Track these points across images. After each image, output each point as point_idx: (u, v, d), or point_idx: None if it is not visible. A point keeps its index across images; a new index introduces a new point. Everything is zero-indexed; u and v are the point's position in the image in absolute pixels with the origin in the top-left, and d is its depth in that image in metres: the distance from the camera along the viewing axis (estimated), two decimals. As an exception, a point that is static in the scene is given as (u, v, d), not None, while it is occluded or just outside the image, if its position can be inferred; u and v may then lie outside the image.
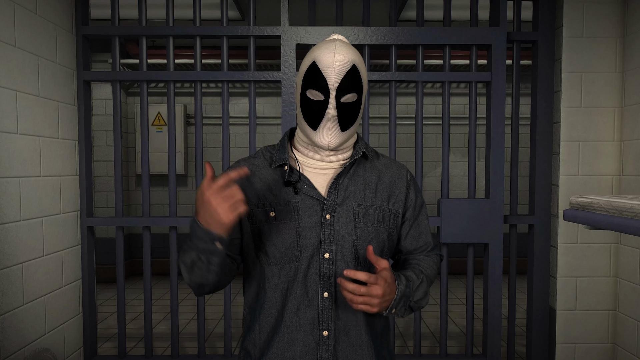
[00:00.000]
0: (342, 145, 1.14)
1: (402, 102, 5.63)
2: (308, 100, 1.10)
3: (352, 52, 1.09)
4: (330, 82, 1.07)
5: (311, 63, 1.09)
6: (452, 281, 5.22)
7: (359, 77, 1.09)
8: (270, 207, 1.13)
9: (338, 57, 1.06)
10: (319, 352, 1.11)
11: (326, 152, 1.14)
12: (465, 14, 3.56)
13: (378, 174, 1.19)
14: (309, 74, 1.09)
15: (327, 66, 1.06)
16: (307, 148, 1.16)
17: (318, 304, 1.11)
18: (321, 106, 1.08)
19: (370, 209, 1.15)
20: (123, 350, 2.58)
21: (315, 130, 1.10)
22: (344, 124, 1.10)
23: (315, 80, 1.08)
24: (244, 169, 0.96)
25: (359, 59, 1.11)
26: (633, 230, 1.20)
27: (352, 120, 1.11)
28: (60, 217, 2.33)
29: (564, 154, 2.44)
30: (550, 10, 2.48)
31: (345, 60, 1.07)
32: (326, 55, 1.07)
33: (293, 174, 1.14)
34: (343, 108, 1.08)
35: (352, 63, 1.08)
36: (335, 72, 1.06)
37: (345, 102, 1.08)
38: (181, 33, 2.41)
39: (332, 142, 1.10)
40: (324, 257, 1.11)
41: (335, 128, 1.09)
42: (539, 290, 2.55)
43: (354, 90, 1.09)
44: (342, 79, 1.07)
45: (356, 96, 1.09)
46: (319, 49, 1.09)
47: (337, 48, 1.07)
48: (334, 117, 1.08)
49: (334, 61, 1.06)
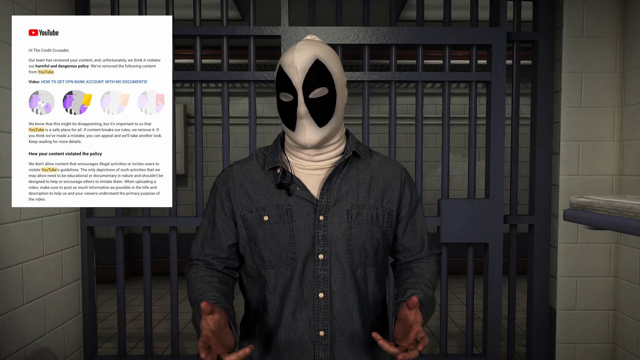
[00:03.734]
0: (326, 141, 1.13)
1: (402, 102, 5.63)
2: (282, 103, 1.11)
3: (314, 48, 1.09)
4: (295, 81, 1.07)
5: (278, 67, 1.11)
6: (452, 281, 5.22)
7: (326, 70, 1.08)
8: (264, 211, 1.13)
9: (298, 56, 1.07)
10: (316, 352, 1.11)
11: (311, 150, 1.14)
12: (465, 14, 3.56)
13: (371, 173, 1.19)
14: (278, 78, 1.11)
15: (289, 66, 1.07)
16: (295, 149, 1.16)
17: (314, 304, 1.11)
18: (292, 106, 1.09)
19: (364, 209, 1.14)
20: (123, 350, 2.58)
21: (294, 131, 1.10)
22: (320, 120, 1.09)
23: (283, 82, 1.09)
24: (243, 350, 0.92)
25: (325, 53, 1.09)
26: (633, 230, 1.20)
27: (328, 115, 1.10)
28: (60, 217, 2.33)
29: (564, 154, 2.44)
30: (550, 10, 2.47)
31: (306, 57, 1.07)
32: (288, 56, 1.08)
33: (286, 176, 1.14)
34: (314, 104, 1.08)
35: (315, 58, 1.07)
36: (298, 71, 1.07)
37: (315, 98, 1.08)
38: (181, 33, 2.41)
39: (311, 139, 1.09)
40: (318, 258, 1.11)
41: (310, 125, 1.09)
42: (539, 290, 2.55)
43: (323, 84, 1.08)
44: (305, 76, 1.07)
45: (326, 90, 1.09)
46: (284, 53, 1.11)
47: (299, 47, 1.08)
48: (306, 114, 1.07)
49: (294, 60, 1.07)
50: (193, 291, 1.13)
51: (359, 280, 1.14)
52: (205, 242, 1.20)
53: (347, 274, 1.13)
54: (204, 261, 1.19)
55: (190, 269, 1.20)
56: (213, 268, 1.19)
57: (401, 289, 1.18)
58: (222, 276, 1.18)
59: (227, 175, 1.19)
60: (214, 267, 1.19)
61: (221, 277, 1.17)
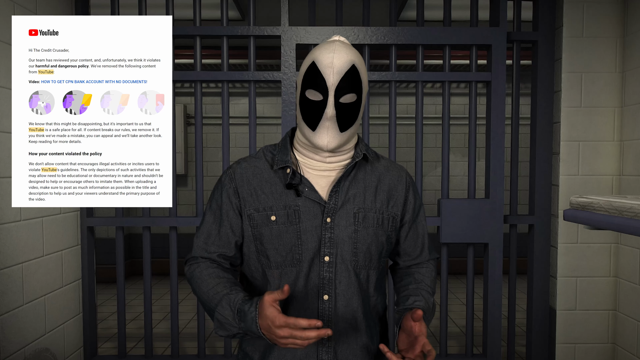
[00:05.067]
0: (342, 146, 1.13)
1: (402, 102, 5.63)
2: (307, 101, 1.09)
3: (351, 53, 1.08)
4: (329, 82, 1.06)
5: (310, 63, 1.09)
6: (452, 281, 5.22)
7: (359, 77, 1.09)
8: (272, 211, 1.12)
9: (337, 57, 1.06)
10: (319, 354, 1.11)
11: (325, 153, 1.13)
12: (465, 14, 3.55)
13: (378, 177, 1.18)
14: (308, 74, 1.09)
15: (326, 66, 1.06)
16: (307, 149, 1.15)
17: (318, 306, 1.11)
18: (320, 106, 1.07)
19: (370, 212, 1.14)
20: (123, 350, 2.58)
21: (314, 131, 1.09)
22: (343, 125, 1.09)
23: (314, 81, 1.07)
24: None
25: (359, 60, 1.10)
26: (633, 230, 1.20)
27: (351, 121, 1.10)
28: (60, 217, 2.33)
29: (564, 154, 2.44)
30: (550, 10, 2.47)
31: (344, 61, 1.06)
32: (325, 55, 1.07)
33: (295, 176, 1.13)
34: (342, 108, 1.08)
35: (352, 63, 1.07)
36: (334, 72, 1.06)
37: (344, 103, 1.08)
38: (181, 33, 2.41)
39: (331, 142, 1.09)
40: (324, 260, 1.10)
41: (334, 128, 1.08)
42: (539, 290, 2.55)
43: (353, 91, 1.08)
44: (341, 79, 1.06)
45: (355, 96, 1.09)
46: (319, 50, 1.09)
47: (337, 48, 1.07)
48: (332, 117, 1.07)
49: (333, 61, 1.06)
50: (209, 287, 1.09)
51: (362, 283, 1.14)
52: (210, 239, 1.16)
53: (352, 277, 1.12)
54: (209, 259, 1.16)
55: (196, 267, 1.15)
56: (220, 266, 1.16)
57: (402, 295, 1.19)
58: (232, 275, 1.16)
59: (235, 172, 1.17)
60: (221, 265, 1.16)
61: (232, 274, 1.15)
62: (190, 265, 1.17)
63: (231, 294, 1.06)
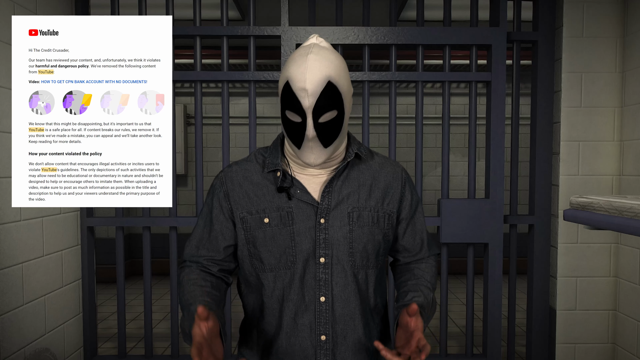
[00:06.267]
0: (330, 157, 1.12)
1: (402, 102, 5.63)
2: (288, 121, 1.07)
3: (326, 66, 1.01)
4: (305, 104, 1.02)
5: (285, 83, 1.04)
6: (452, 281, 5.22)
7: (337, 92, 1.03)
8: (264, 213, 1.11)
9: (310, 78, 1.00)
10: (317, 356, 1.11)
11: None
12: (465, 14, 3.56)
13: (372, 175, 1.17)
14: (284, 94, 1.05)
15: (300, 89, 1.01)
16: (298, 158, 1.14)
17: (315, 308, 1.10)
18: (300, 127, 1.05)
19: (365, 211, 1.13)
20: (123, 350, 2.58)
21: (299, 149, 1.08)
22: (327, 141, 1.06)
23: (291, 102, 1.03)
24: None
25: (336, 71, 1.03)
26: (633, 230, 1.20)
27: (334, 136, 1.07)
28: (60, 217, 2.33)
29: (564, 154, 2.44)
30: (550, 10, 2.47)
31: (318, 79, 1.00)
32: (298, 75, 1.01)
33: (286, 179, 1.12)
34: (323, 127, 1.04)
35: (327, 80, 1.01)
36: (309, 95, 1.00)
37: (325, 121, 1.04)
38: (181, 33, 2.41)
39: (317, 159, 1.07)
40: (319, 261, 1.10)
41: (317, 147, 1.06)
42: (539, 290, 2.55)
43: (333, 108, 1.04)
44: (317, 100, 1.01)
45: (336, 112, 1.05)
46: (291, 65, 1.03)
47: (310, 66, 1.00)
48: (314, 137, 1.04)
49: (305, 84, 1.00)
50: (184, 294, 1.10)
51: (360, 284, 1.13)
52: (201, 243, 1.17)
53: (349, 277, 1.11)
54: (198, 263, 1.17)
55: (182, 271, 1.17)
56: (207, 271, 1.16)
57: (402, 291, 1.18)
58: (215, 280, 1.15)
59: (226, 176, 1.16)
60: (208, 270, 1.16)
61: (214, 282, 1.14)
62: (181, 269, 1.18)
63: (192, 305, 1.06)
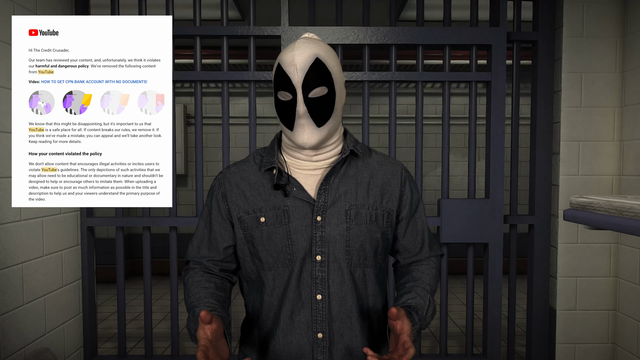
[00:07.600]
0: (325, 142, 1.12)
1: (402, 102, 5.63)
2: (280, 102, 1.10)
3: (314, 46, 1.07)
4: (294, 79, 1.06)
5: (277, 66, 1.09)
6: (452, 281, 5.22)
7: (326, 69, 1.07)
8: (261, 213, 1.12)
9: (299, 54, 1.05)
10: (314, 354, 1.11)
11: (309, 151, 1.13)
12: (465, 14, 3.55)
13: (370, 172, 1.17)
14: (276, 76, 1.09)
15: (289, 64, 1.06)
16: (293, 149, 1.15)
17: (312, 306, 1.10)
18: (291, 105, 1.08)
19: (362, 209, 1.13)
20: (123, 350, 2.58)
21: (292, 131, 1.09)
22: (319, 120, 1.08)
23: (282, 81, 1.07)
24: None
25: (325, 52, 1.09)
26: (633, 230, 1.20)
27: (327, 115, 1.09)
28: (60, 217, 2.33)
29: (564, 154, 2.44)
30: (550, 10, 2.47)
31: (306, 55, 1.05)
32: (287, 54, 1.07)
33: (282, 176, 1.13)
34: (313, 103, 1.07)
35: (315, 57, 1.06)
36: (298, 69, 1.05)
37: (315, 97, 1.07)
38: (181, 33, 2.41)
39: (310, 139, 1.08)
40: (316, 259, 1.10)
41: (309, 125, 1.08)
42: (539, 290, 2.55)
43: (322, 84, 1.07)
44: (306, 74, 1.05)
45: (326, 89, 1.08)
46: (283, 51, 1.10)
47: (298, 45, 1.07)
48: (304, 113, 1.06)
49: (294, 58, 1.05)
50: (189, 296, 1.12)
51: (358, 282, 1.13)
52: (202, 244, 1.19)
53: (346, 276, 1.11)
54: (200, 264, 1.18)
55: (187, 273, 1.18)
56: (210, 272, 1.17)
57: (399, 294, 1.18)
58: (219, 281, 1.16)
59: (224, 177, 1.18)
60: (210, 271, 1.17)
61: (218, 283, 1.16)
62: (186, 272, 1.20)
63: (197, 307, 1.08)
